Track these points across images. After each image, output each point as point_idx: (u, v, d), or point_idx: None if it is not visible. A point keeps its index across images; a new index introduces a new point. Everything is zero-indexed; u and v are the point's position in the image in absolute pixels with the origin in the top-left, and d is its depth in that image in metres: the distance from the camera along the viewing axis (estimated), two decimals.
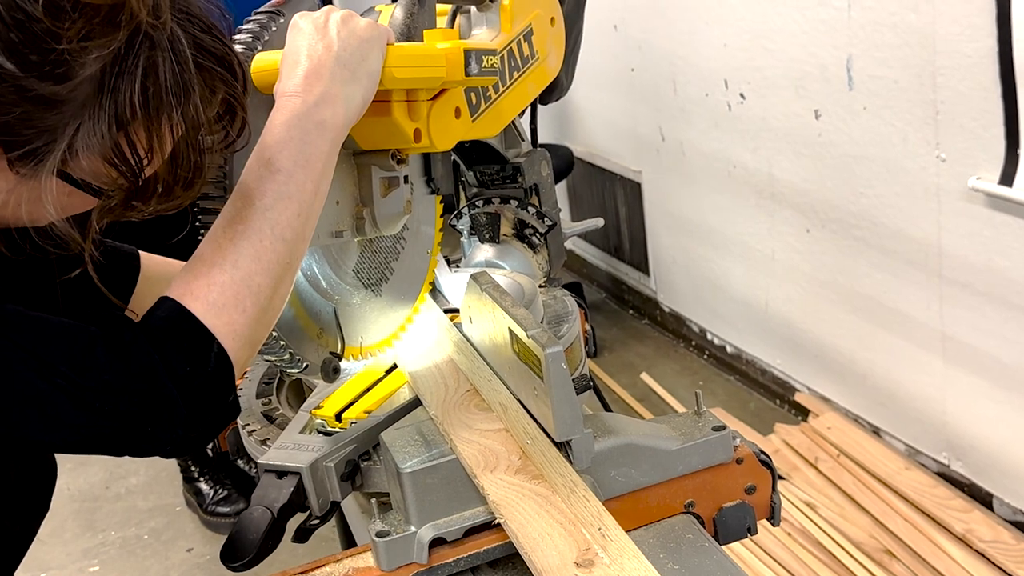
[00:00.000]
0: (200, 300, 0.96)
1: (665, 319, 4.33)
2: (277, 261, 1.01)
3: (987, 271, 2.58)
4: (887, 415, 3.16)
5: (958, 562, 2.62)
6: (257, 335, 1.01)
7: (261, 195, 1.01)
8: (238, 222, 1.00)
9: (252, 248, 0.99)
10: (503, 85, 1.38)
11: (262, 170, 1.02)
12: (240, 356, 0.98)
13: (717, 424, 1.24)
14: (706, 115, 3.53)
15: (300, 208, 1.03)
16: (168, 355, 0.93)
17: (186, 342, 0.94)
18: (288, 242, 1.02)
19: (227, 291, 0.97)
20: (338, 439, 1.23)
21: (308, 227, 1.05)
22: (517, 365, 1.17)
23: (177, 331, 0.95)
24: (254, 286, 0.98)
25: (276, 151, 1.02)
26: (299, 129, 1.04)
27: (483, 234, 1.60)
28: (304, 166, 1.03)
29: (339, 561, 1.19)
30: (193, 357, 0.94)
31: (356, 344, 1.34)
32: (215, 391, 0.96)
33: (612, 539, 0.97)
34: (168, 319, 0.95)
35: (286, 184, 1.02)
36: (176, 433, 0.94)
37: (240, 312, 0.97)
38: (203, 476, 3.48)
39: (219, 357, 0.96)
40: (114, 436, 0.93)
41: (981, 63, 2.37)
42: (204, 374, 0.95)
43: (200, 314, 0.95)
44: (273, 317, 1.03)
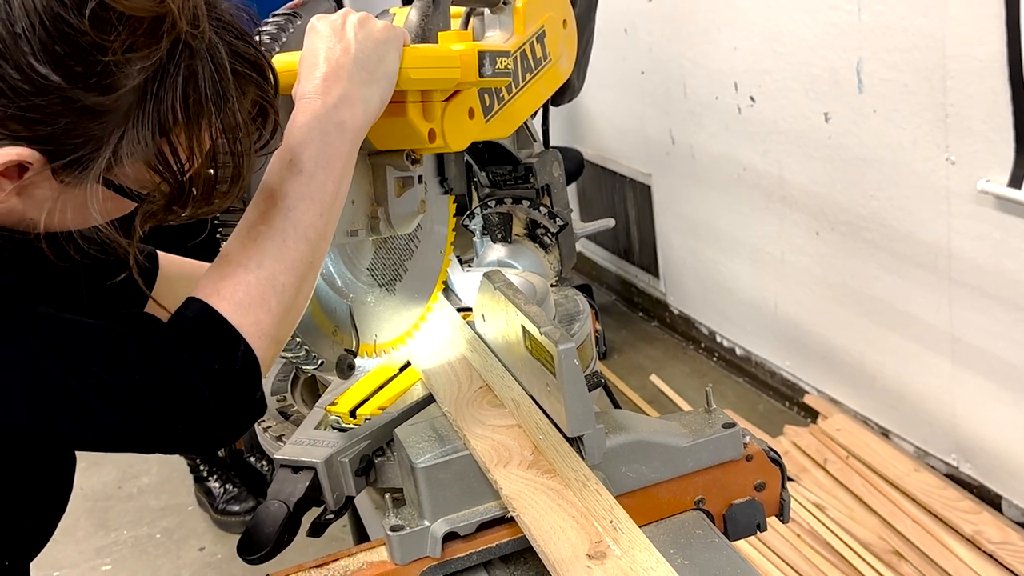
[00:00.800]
0: (227, 300, 0.98)
1: (674, 321, 4.34)
2: (300, 260, 1.02)
3: (996, 273, 2.58)
4: (896, 417, 3.16)
5: (967, 563, 2.63)
6: (282, 333, 1.03)
7: (283, 196, 1.03)
8: (261, 223, 1.02)
9: (276, 248, 1.01)
10: (516, 86, 1.39)
11: (284, 171, 1.04)
12: (266, 354, 1.00)
13: (727, 421, 1.25)
14: (716, 118, 3.54)
15: (322, 208, 1.04)
16: (197, 354, 0.94)
17: (214, 341, 0.96)
18: (311, 241, 1.03)
19: (252, 291, 0.99)
20: (352, 435, 1.25)
21: (330, 226, 1.07)
22: (530, 362, 1.19)
23: (205, 331, 0.96)
24: (279, 285, 1.00)
25: (297, 152, 1.04)
26: (319, 131, 1.05)
27: (495, 234, 1.62)
28: (325, 167, 1.05)
29: (353, 555, 1.20)
30: (221, 356, 0.96)
31: (370, 341, 1.35)
32: (243, 389, 0.98)
33: (624, 532, 0.99)
34: (196, 319, 0.97)
35: (308, 185, 1.04)
36: (206, 431, 0.96)
37: (266, 311, 0.99)
38: (212, 475, 3.49)
39: (246, 355, 0.97)
40: (144, 434, 0.94)
41: (991, 66, 2.37)
42: (232, 372, 0.96)
43: (227, 314, 0.97)
44: (297, 315, 1.05)
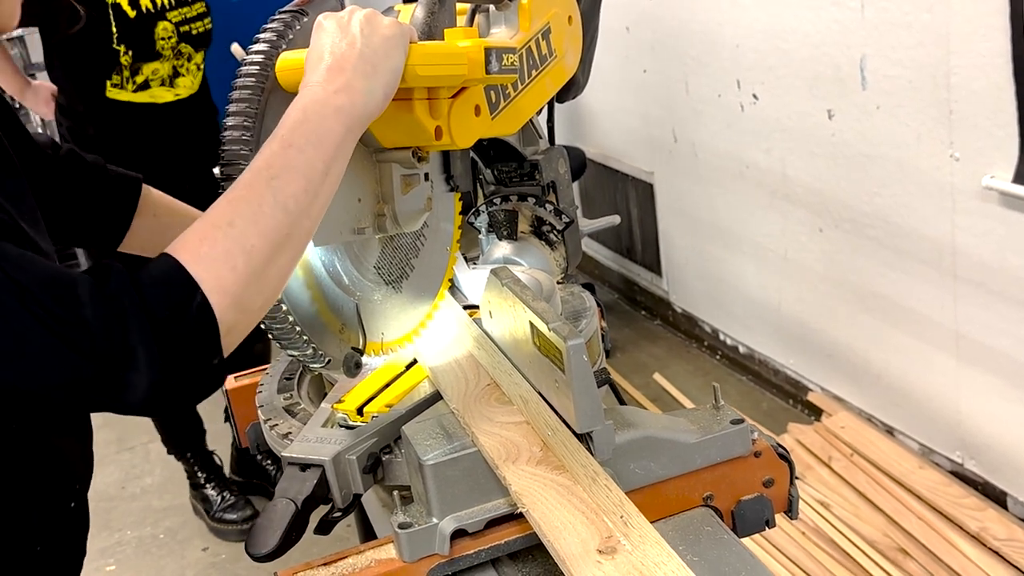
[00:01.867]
0: (190, 252, 0.97)
1: (677, 320, 4.34)
2: (275, 228, 1.00)
3: (1001, 270, 2.58)
4: (901, 414, 3.16)
5: (972, 560, 2.63)
6: (248, 300, 1.00)
7: (268, 166, 1.02)
8: (242, 188, 1.01)
9: (251, 211, 1.00)
10: (522, 83, 1.39)
11: (274, 145, 1.04)
12: (227, 316, 0.97)
13: (735, 417, 1.25)
14: (719, 116, 3.54)
15: (307, 184, 1.03)
16: (148, 298, 0.93)
17: (169, 287, 0.95)
18: (290, 213, 1.02)
19: (218, 246, 0.97)
20: (360, 432, 1.25)
21: (315, 205, 1.05)
22: (538, 358, 1.19)
23: (162, 278, 0.95)
24: (247, 246, 0.98)
25: (290, 130, 1.04)
26: (315, 113, 1.05)
27: (501, 231, 1.61)
28: (316, 145, 1.04)
29: (362, 553, 1.20)
30: (174, 303, 0.94)
31: (377, 339, 1.35)
32: (194, 341, 0.96)
33: (634, 527, 0.99)
34: (155, 266, 0.96)
35: (295, 159, 1.03)
36: (149, 378, 0.93)
37: (229, 269, 0.97)
38: (209, 483, 3.49)
39: (202, 307, 0.95)
40: (85, 375, 0.92)
41: (995, 62, 2.37)
42: (183, 322, 0.94)
43: (188, 264, 0.96)
44: (269, 288, 1.03)
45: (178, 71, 3.10)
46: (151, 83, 3.07)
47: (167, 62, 3.07)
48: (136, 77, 3.03)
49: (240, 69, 1.16)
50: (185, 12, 3.07)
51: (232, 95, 1.14)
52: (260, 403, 1.47)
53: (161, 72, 3.06)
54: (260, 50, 1.16)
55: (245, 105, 1.13)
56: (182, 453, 3.49)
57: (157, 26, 3.00)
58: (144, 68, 3.03)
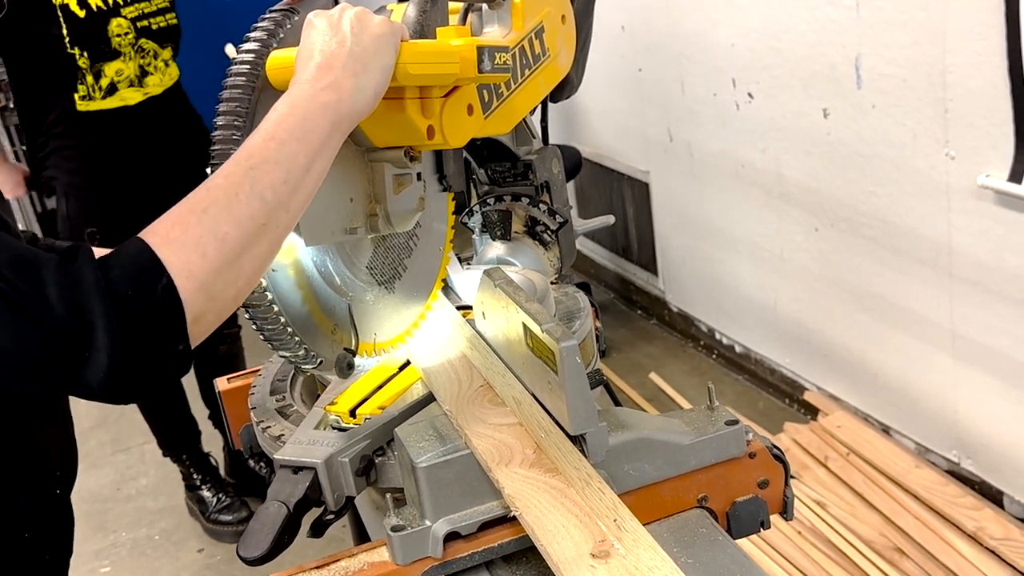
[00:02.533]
0: (160, 235, 0.96)
1: (673, 319, 4.33)
2: (251, 217, 0.99)
3: (997, 269, 2.57)
4: (897, 413, 3.15)
5: (969, 560, 2.62)
6: (218, 289, 0.98)
7: (249, 157, 1.01)
8: (219, 177, 1.00)
9: (226, 198, 0.99)
10: (515, 82, 1.38)
11: (256, 138, 1.03)
12: (194, 301, 0.96)
13: (730, 418, 1.25)
14: (714, 115, 3.54)
15: (287, 176, 1.02)
16: (113, 278, 0.93)
17: (134, 269, 0.94)
18: (267, 202, 1.01)
19: (190, 231, 0.96)
20: (352, 435, 1.24)
21: (295, 199, 1.04)
22: (531, 360, 1.18)
23: (129, 259, 0.95)
24: (220, 233, 0.97)
25: (275, 123, 1.04)
26: (302, 108, 1.05)
27: (494, 231, 1.61)
28: (300, 139, 1.03)
29: (354, 556, 1.19)
30: (138, 284, 0.94)
31: (370, 340, 1.34)
32: (157, 324, 0.95)
33: (627, 530, 0.98)
34: (124, 248, 0.96)
35: (277, 151, 1.02)
36: (109, 357, 0.92)
37: (199, 255, 0.96)
38: (205, 484, 3.48)
39: (167, 290, 0.94)
40: (46, 352, 0.92)
41: (990, 60, 2.37)
42: (146, 302, 0.94)
43: (156, 247, 0.95)
44: (241, 277, 1.01)
45: (145, 69, 3.03)
46: (118, 85, 3.00)
47: (131, 61, 2.99)
48: (101, 81, 2.96)
49: (230, 68, 1.15)
50: (143, 7, 2.99)
51: (222, 94, 1.14)
52: (252, 405, 1.46)
53: (127, 72, 2.99)
54: (251, 49, 1.15)
55: (236, 104, 1.13)
56: (177, 455, 3.48)
57: (111, 23, 2.93)
58: (106, 69, 2.96)
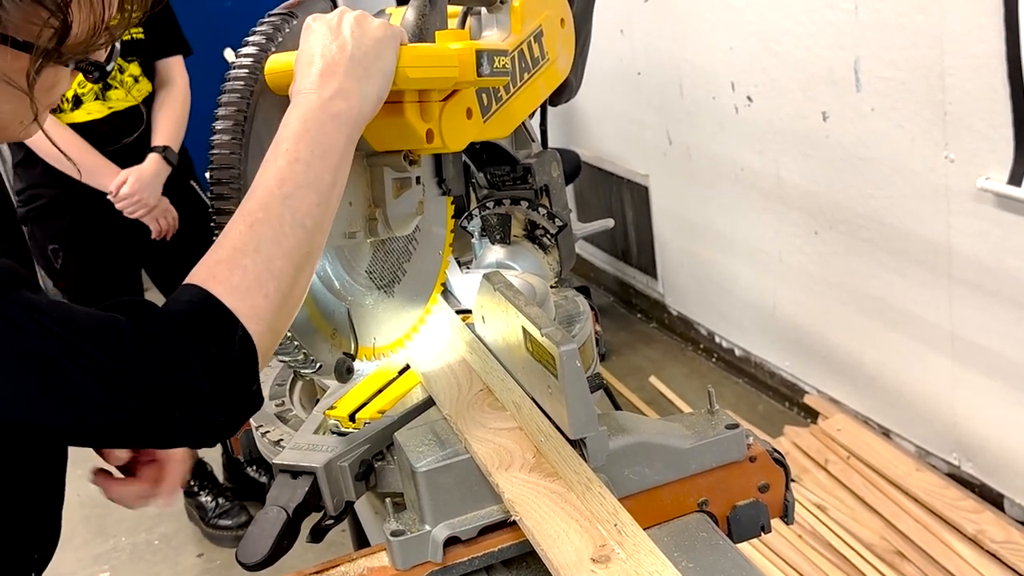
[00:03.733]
0: (223, 284, 0.96)
1: (673, 322, 4.33)
2: (297, 248, 1.00)
3: (997, 271, 2.57)
4: (897, 416, 3.15)
5: (969, 563, 2.62)
6: (279, 323, 1.00)
7: (280, 184, 1.01)
8: (258, 210, 1.00)
9: (273, 233, 0.99)
10: (514, 86, 1.38)
11: (280, 160, 1.02)
12: (263, 342, 0.97)
13: (730, 422, 1.24)
14: (713, 118, 3.54)
15: (319, 198, 1.03)
16: (193, 336, 0.92)
17: (210, 324, 0.94)
18: (308, 229, 1.01)
19: (249, 274, 0.97)
20: (352, 439, 1.23)
21: (327, 218, 1.05)
22: (531, 364, 1.18)
23: (201, 314, 0.94)
24: (275, 270, 0.98)
25: (293, 143, 1.03)
26: (315, 122, 1.04)
27: (494, 235, 1.60)
28: (322, 157, 1.03)
29: (354, 561, 1.19)
30: (218, 339, 0.94)
31: (369, 344, 1.34)
32: (240, 375, 0.96)
33: (628, 535, 0.97)
34: (191, 302, 0.95)
35: (304, 173, 1.02)
36: (204, 417, 0.94)
37: (263, 296, 0.97)
38: (203, 490, 3.47)
39: (243, 340, 0.95)
40: (141, 420, 0.91)
41: (989, 63, 2.37)
42: (229, 356, 0.94)
43: (223, 297, 0.95)
44: (294, 307, 1.03)
45: (108, 83, 3.01)
46: (83, 98, 2.99)
47: None
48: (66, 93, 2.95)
49: (228, 72, 1.15)
50: None
51: (221, 98, 1.13)
52: None
53: (89, 84, 2.96)
54: (249, 53, 1.15)
55: (234, 108, 1.12)
56: None
57: None
58: None
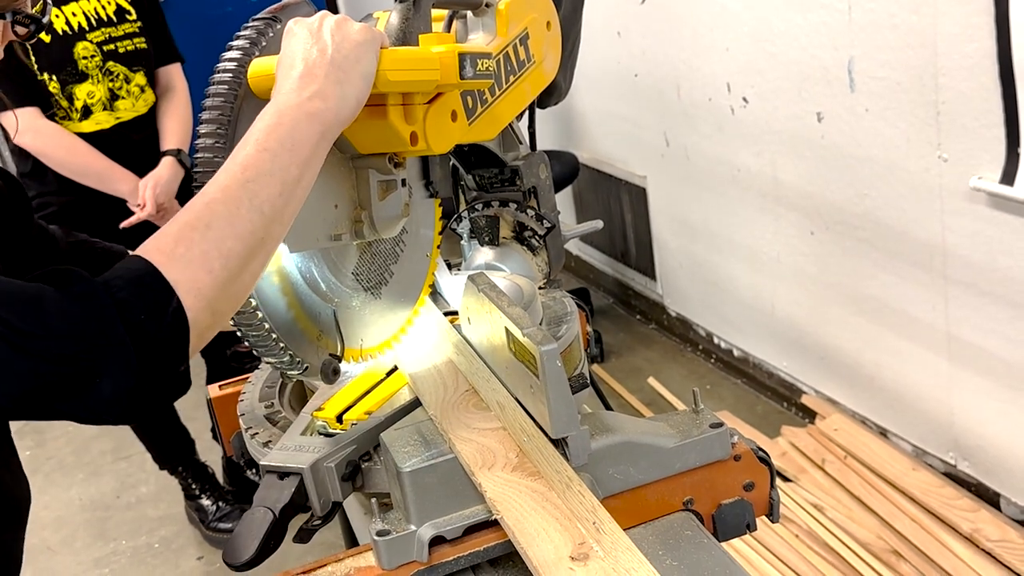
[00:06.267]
0: (165, 254, 0.95)
1: (672, 323, 4.34)
2: (252, 232, 1.00)
3: (991, 270, 2.58)
4: (893, 416, 3.15)
5: (965, 562, 2.62)
6: (220, 304, 0.98)
7: (244, 169, 1.01)
8: (217, 191, 1.00)
9: (227, 213, 0.98)
10: (499, 89, 1.39)
11: (248, 148, 1.03)
12: (200, 319, 0.95)
13: (715, 421, 1.25)
14: (710, 119, 3.54)
15: (282, 188, 1.02)
16: (123, 302, 0.91)
17: (144, 291, 0.92)
18: (265, 216, 1.01)
19: (194, 248, 0.96)
20: (339, 440, 1.24)
21: (288, 210, 1.04)
22: (514, 364, 1.19)
23: (135, 280, 0.93)
24: (224, 249, 0.97)
25: (264, 134, 1.04)
26: (289, 117, 1.05)
27: (482, 237, 1.61)
28: (291, 149, 1.04)
29: (340, 561, 1.20)
30: (150, 307, 0.92)
31: (356, 346, 1.35)
32: (169, 347, 0.94)
33: (606, 533, 0.98)
34: (128, 269, 0.94)
35: (270, 162, 1.02)
36: (126, 384, 0.91)
37: (206, 271, 0.95)
38: (204, 493, 3.49)
39: (176, 313, 0.93)
40: (60, 384, 0.89)
41: (981, 63, 2.37)
42: (159, 326, 0.92)
43: (162, 267, 0.94)
44: (241, 292, 1.01)
45: (116, 93, 3.06)
46: (92, 108, 3.02)
47: (100, 84, 3.02)
48: (75, 103, 2.99)
49: (213, 76, 1.16)
50: (110, 32, 3.03)
51: (205, 102, 1.15)
52: (241, 412, 1.46)
53: (98, 95, 3.01)
54: (233, 57, 1.16)
55: (218, 112, 1.13)
56: (173, 467, 3.48)
57: (76, 46, 2.96)
58: (77, 91, 2.98)
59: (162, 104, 3.21)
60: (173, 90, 3.24)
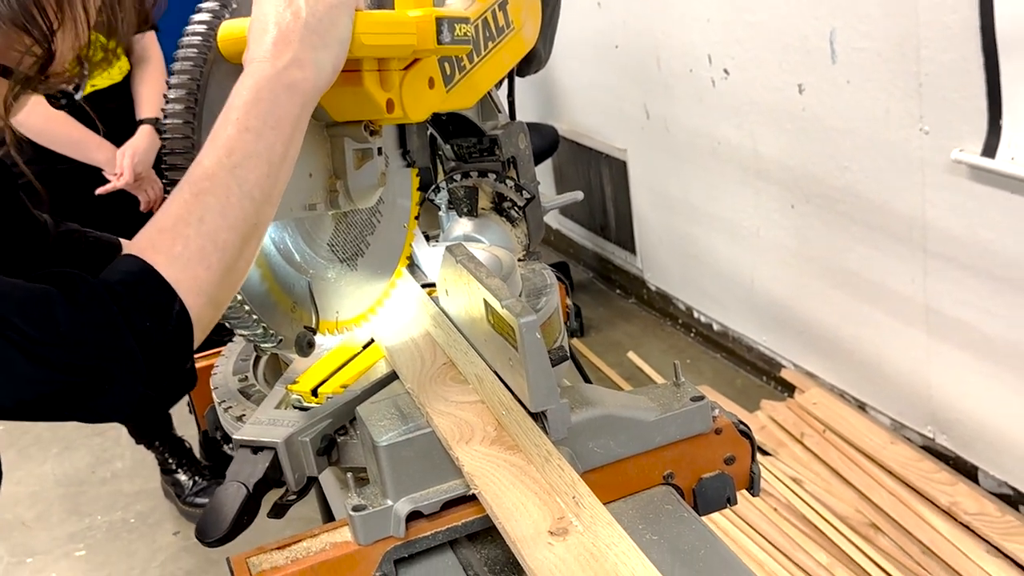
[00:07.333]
0: (163, 254, 0.93)
1: (652, 298, 4.33)
2: (244, 219, 0.98)
3: (971, 244, 2.57)
4: (872, 390, 3.16)
5: (943, 535, 2.63)
6: (221, 296, 0.97)
7: (229, 153, 0.98)
8: (204, 179, 0.97)
9: (219, 204, 0.96)
10: (477, 55, 1.36)
11: (229, 129, 0.99)
12: (202, 315, 0.95)
13: (695, 394, 1.23)
14: (690, 91, 3.52)
15: (269, 169, 1.00)
16: (128, 308, 0.89)
17: (147, 296, 0.91)
18: (256, 201, 0.99)
19: (191, 245, 0.94)
20: (314, 414, 1.22)
21: (276, 190, 1.02)
22: (493, 336, 1.16)
23: (138, 285, 0.91)
24: (220, 242, 0.95)
25: (244, 112, 1.00)
26: (268, 91, 1.01)
27: (461, 208, 1.58)
28: (274, 127, 1.01)
29: (316, 536, 1.18)
30: (154, 312, 0.91)
31: (331, 318, 1.32)
32: (175, 350, 0.93)
33: (586, 507, 0.96)
34: (129, 272, 0.92)
35: (255, 143, 0.99)
36: (135, 391, 0.90)
37: (205, 268, 0.94)
38: (181, 468, 3.47)
39: (181, 315, 0.92)
40: (70, 393, 0.88)
41: (963, 34, 2.35)
42: (165, 331, 0.91)
43: (163, 268, 0.92)
44: (237, 280, 1.00)
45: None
46: None
47: None
48: None
49: (181, 40, 1.12)
50: None
51: (173, 66, 1.11)
52: (215, 385, 1.43)
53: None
54: (202, 20, 1.12)
55: (187, 77, 1.10)
56: (150, 441, 3.46)
57: None
58: None
59: (137, 72, 3.18)
60: (148, 59, 3.20)
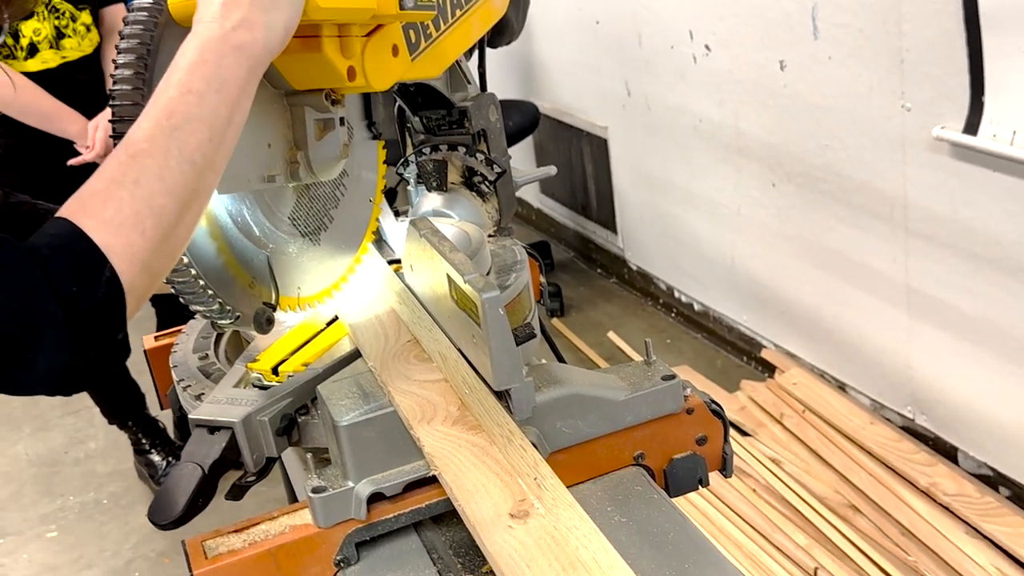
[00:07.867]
0: (94, 217, 0.87)
1: (632, 277, 4.30)
2: (184, 185, 0.93)
3: (952, 222, 2.54)
4: (852, 370, 3.14)
5: (922, 516, 2.61)
6: (156, 264, 0.92)
7: (169, 115, 0.93)
8: (142, 141, 0.92)
9: (157, 167, 0.91)
10: (444, 23, 1.32)
11: (171, 91, 0.95)
12: (136, 283, 0.89)
13: (667, 373, 1.20)
14: (672, 68, 3.47)
15: (212, 133, 0.95)
16: (53, 273, 0.84)
17: (75, 260, 0.86)
18: (197, 166, 0.94)
19: (125, 208, 0.88)
20: (273, 393, 1.18)
21: (219, 156, 0.97)
22: (456, 313, 1.13)
23: (65, 249, 0.86)
24: (156, 207, 0.90)
25: (187, 73, 0.95)
26: (214, 52, 0.97)
27: (430, 182, 1.54)
28: (218, 90, 0.96)
29: (275, 519, 1.14)
30: (81, 277, 0.85)
31: (293, 294, 1.28)
32: (104, 319, 0.88)
33: (548, 489, 0.93)
34: (56, 236, 0.86)
35: (198, 106, 0.94)
36: (59, 360, 0.85)
37: (139, 233, 0.89)
38: (154, 448, 3.44)
39: (111, 281, 0.87)
40: None
41: (946, 8, 2.32)
42: (92, 297, 0.86)
43: (93, 231, 0.87)
44: (176, 249, 0.95)
45: (62, 31, 2.98)
46: (39, 46, 2.95)
47: (46, 21, 2.94)
48: (21, 41, 2.91)
49: (132, 4, 1.07)
50: None
51: (123, 31, 1.06)
52: (174, 363, 1.39)
53: (44, 32, 2.94)
54: None
55: (136, 42, 1.05)
56: (123, 422, 3.42)
57: None
58: (23, 29, 2.90)
59: (107, 45, 3.13)
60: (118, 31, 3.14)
